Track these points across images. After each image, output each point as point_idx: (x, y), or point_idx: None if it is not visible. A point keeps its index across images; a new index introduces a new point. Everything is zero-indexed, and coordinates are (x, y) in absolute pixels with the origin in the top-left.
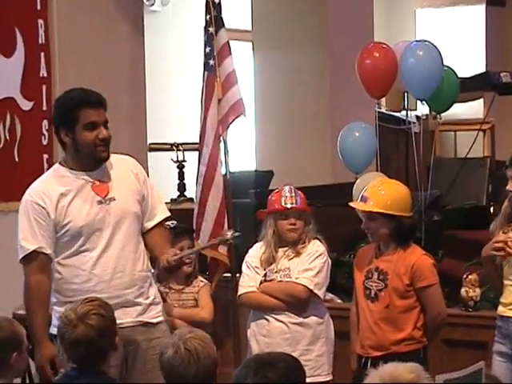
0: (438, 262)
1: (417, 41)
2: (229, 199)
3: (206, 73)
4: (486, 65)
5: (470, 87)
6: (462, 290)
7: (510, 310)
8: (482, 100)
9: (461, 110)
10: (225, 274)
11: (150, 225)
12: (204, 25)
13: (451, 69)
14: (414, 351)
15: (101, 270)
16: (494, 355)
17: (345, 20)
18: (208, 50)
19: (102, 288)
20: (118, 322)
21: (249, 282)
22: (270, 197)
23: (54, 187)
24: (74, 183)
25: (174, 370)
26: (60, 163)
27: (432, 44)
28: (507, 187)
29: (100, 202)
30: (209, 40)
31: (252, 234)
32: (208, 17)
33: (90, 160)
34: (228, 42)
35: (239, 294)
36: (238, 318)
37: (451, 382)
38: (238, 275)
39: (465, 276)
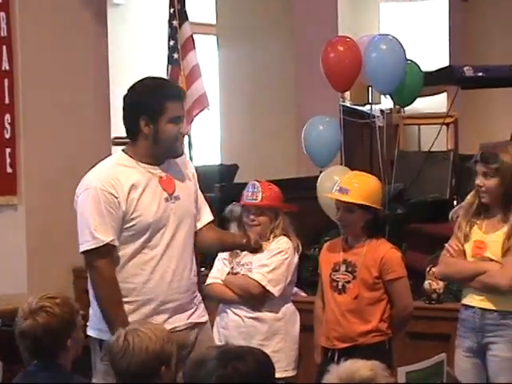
0: (402, 254)
1: (380, 35)
2: None
3: (169, 66)
4: (450, 59)
5: (434, 81)
6: (426, 283)
7: (479, 300)
8: (445, 94)
9: (424, 104)
10: None
11: (198, 225)
12: (168, 18)
13: (415, 63)
14: (380, 343)
15: (162, 271)
16: (458, 350)
17: (309, 14)
18: (172, 43)
19: (160, 291)
20: (171, 327)
21: (215, 273)
22: None
23: (124, 177)
24: (142, 175)
25: (112, 357)
26: (125, 152)
27: (395, 38)
28: (476, 182)
29: (166, 200)
30: (173, 33)
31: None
32: (172, 10)
33: (167, 153)
34: (192, 35)
35: (205, 284)
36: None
37: (413, 374)
38: (202, 269)
39: (428, 269)
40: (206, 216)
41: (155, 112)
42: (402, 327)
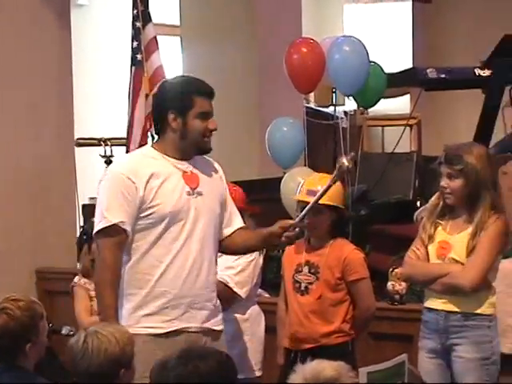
0: (366, 256)
1: (343, 36)
2: None
3: (133, 68)
4: (413, 61)
5: (397, 83)
6: (389, 284)
7: (442, 303)
8: (408, 96)
9: (388, 106)
10: None
11: (229, 231)
12: (131, 19)
13: (378, 64)
14: (343, 344)
15: (179, 265)
16: (421, 351)
17: (273, 15)
18: (135, 44)
19: (176, 284)
20: (185, 325)
21: None
22: None
23: (145, 167)
24: (165, 168)
25: (72, 358)
26: (153, 147)
27: (358, 40)
28: (441, 183)
29: (188, 193)
30: (136, 35)
31: None
32: (135, 11)
33: (194, 149)
34: (155, 36)
35: None
36: None
37: (374, 375)
38: None
39: (391, 270)
40: (237, 222)
41: (183, 106)
42: (365, 328)
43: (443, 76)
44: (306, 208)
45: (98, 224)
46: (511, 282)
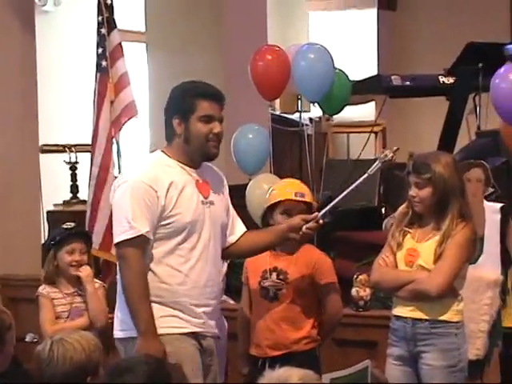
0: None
1: (308, 44)
2: None
3: (98, 74)
4: (378, 68)
5: (362, 90)
6: (353, 290)
7: (409, 310)
8: (373, 103)
9: (353, 113)
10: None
11: (233, 239)
12: (96, 26)
13: (343, 72)
14: (312, 350)
15: (197, 274)
16: (389, 359)
17: (239, 22)
18: (100, 51)
19: (195, 294)
20: (203, 330)
21: None
22: None
23: (164, 174)
24: (181, 176)
25: (39, 365)
26: (163, 152)
27: (323, 47)
28: (410, 193)
29: (203, 203)
30: (101, 41)
31: None
32: (100, 18)
33: (199, 155)
34: (120, 43)
35: None
36: None
37: (337, 381)
38: None
39: (355, 276)
40: (240, 227)
41: (186, 110)
42: (331, 333)
43: (408, 83)
44: (335, 201)
45: (126, 233)
46: (475, 288)
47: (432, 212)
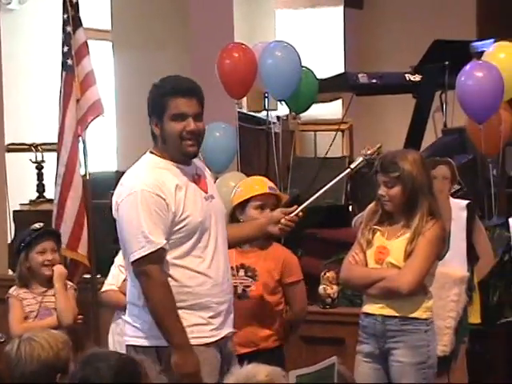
0: (298, 260)
1: (275, 41)
2: (88, 200)
3: (64, 72)
4: (345, 66)
5: (329, 88)
6: (320, 288)
7: (379, 307)
8: (340, 101)
9: (320, 111)
10: (84, 275)
11: None
12: (62, 24)
13: (310, 70)
14: (280, 347)
15: (215, 272)
16: (358, 355)
17: (205, 20)
18: (66, 49)
19: (216, 292)
20: (225, 332)
21: (111, 280)
22: None
23: (167, 178)
24: (181, 176)
25: (8, 365)
26: (154, 154)
27: (290, 45)
28: (379, 192)
29: (205, 198)
30: (66, 39)
31: (112, 234)
32: (65, 16)
33: (178, 154)
34: (86, 41)
35: (101, 291)
36: (98, 319)
37: (304, 378)
38: (98, 276)
39: (323, 273)
40: None
41: (159, 111)
42: (296, 330)
43: (374, 81)
44: (316, 195)
45: (144, 249)
46: (441, 284)
47: (401, 210)
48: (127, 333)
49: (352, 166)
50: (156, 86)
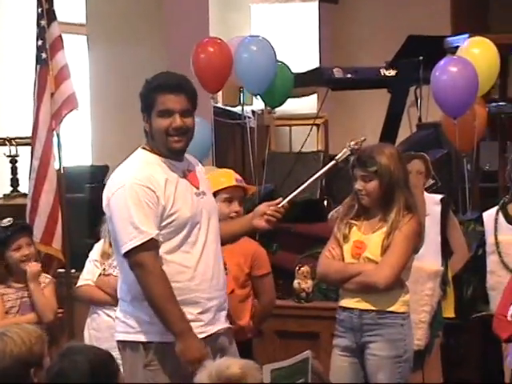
0: (273, 254)
1: (250, 36)
2: (62, 194)
3: (38, 66)
4: (320, 60)
5: (304, 82)
6: (295, 282)
7: (356, 301)
8: (315, 95)
9: (295, 106)
10: (59, 270)
11: None
12: (36, 18)
13: (285, 64)
14: (251, 340)
15: (203, 267)
16: (335, 349)
17: (180, 14)
18: (40, 43)
19: (205, 287)
20: (215, 328)
21: (86, 275)
22: None
23: (158, 172)
24: (172, 171)
25: None
26: (145, 149)
27: (265, 39)
28: (356, 186)
29: (196, 194)
30: (41, 33)
31: (87, 229)
32: (40, 10)
33: (165, 150)
34: (60, 35)
35: (76, 286)
36: (72, 313)
37: (278, 372)
38: (73, 271)
39: (297, 268)
40: None
41: (147, 107)
42: (263, 323)
43: (349, 76)
44: (302, 187)
45: (135, 240)
46: (416, 279)
47: (378, 204)
48: (117, 328)
49: (337, 157)
50: (147, 82)
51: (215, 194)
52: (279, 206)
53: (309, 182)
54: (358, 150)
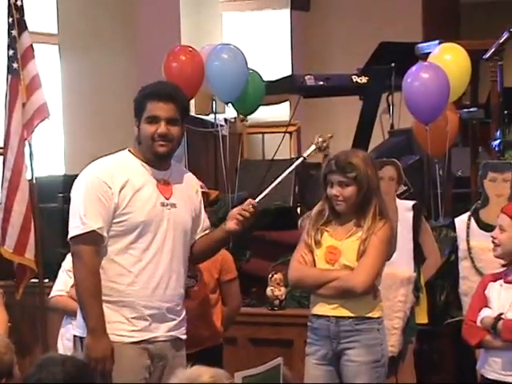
0: (246, 262)
1: (222, 44)
2: (35, 204)
3: (9, 76)
4: (292, 68)
5: (276, 90)
6: (268, 289)
7: (332, 308)
8: (288, 103)
9: (268, 113)
10: (32, 280)
11: (197, 236)
12: (7, 27)
13: (256, 72)
14: (221, 345)
15: (148, 276)
16: (310, 358)
17: (152, 22)
18: (11, 53)
19: (144, 296)
20: (151, 335)
21: (60, 285)
22: None
23: (121, 172)
24: (141, 175)
25: None
26: (130, 151)
27: (236, 47)
28: (332, 192)
29: (163, 204)
30: (12, 43)
31: (60, 239)
32: (10, 19)
33: (150, 154)
34: (32, 45)
35: (49, 296)
36: (46, 323)
37: (249, 379)
38: (46, 280)
39: (270, 275)
40: (205, 229)
41: (138, 112)
42: (229, 327)
43: (321, 83)
44: (270, 187)
45: (78, 229)
46: (389, 285)
47: (352, 210)
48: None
49: (305, 154)
50: (141, 89)
51: None
52: (247, 203)
53: (278, 180)
54: (325, 147)
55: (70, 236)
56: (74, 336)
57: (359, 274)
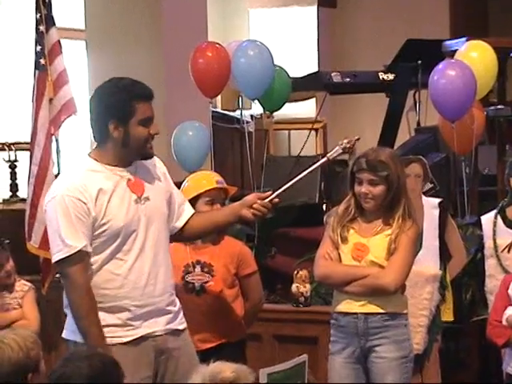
0: (272, 258)
1: (248, 40)
2: None
3: (36, 72)
4: (318, 65)
5: (302, 87)
6: (293, 286)
7: (360, 306)
8: (314, 100)
9: (294, 110)
10: (57, 275)
11: (181, 223)
12: (35, 23)
13: (283, 68)
14: (243, 340)
15: (136, 275)
16: (335, 356)
17: (179, 19)
18: (39, 48)
19: (136, 295)
20: (149, 331)
21: None
22: None
23: (91, 182)
24: (110, 179)
25: None
26: (90, 157)
27: (263, 44)
28: (362, 190)
29: (136, 202)
30: (39, 39)
31: None
32: (38, 15)
33: (136, 156)
34: (59, 40)
35: None
36: None
37: (274, 375)
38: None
39: (295, 272)
40: (188, 211)
41: (125, 115)
42: (253, 322)
43: (348, 80)
44: (291, 182)
45: (60, 253)
46: (414, 283)
47: (379, 208)
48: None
49: (329, 155)
50: (119, 89)
51: (197, 197)
52: (267, 200)
53: (299, 177)
54: (350, 149)
55: (55, 260)
56: (67, 340)
57: (391, 273)
